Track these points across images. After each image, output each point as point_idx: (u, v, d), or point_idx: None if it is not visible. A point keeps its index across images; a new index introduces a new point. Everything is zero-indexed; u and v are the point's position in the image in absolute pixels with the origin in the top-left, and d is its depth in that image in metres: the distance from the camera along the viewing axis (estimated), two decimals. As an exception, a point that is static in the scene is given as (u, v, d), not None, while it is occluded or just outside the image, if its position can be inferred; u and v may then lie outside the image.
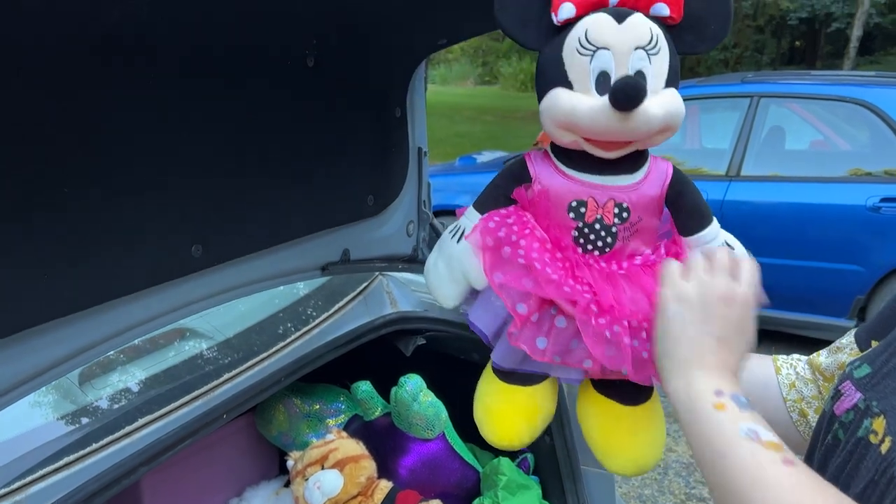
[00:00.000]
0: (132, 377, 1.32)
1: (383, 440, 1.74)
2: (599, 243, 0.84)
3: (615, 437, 0.91)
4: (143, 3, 0.89)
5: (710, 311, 0.72)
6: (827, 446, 0.68)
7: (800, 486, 0.58)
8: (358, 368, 1.81)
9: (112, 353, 1.23)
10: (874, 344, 0.81)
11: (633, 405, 0.90)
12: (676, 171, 0.87)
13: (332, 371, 1.88)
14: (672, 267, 0.77)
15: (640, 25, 0.77)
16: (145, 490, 1.50)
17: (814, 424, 0.86)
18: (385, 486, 1.51)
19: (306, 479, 1.45)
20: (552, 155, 0.86)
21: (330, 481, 1.43)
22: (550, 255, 0.82)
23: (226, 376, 1.26)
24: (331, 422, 1.81)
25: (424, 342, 1.82)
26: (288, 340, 1.46)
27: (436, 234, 1.90)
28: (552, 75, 0.80)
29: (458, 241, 0.88)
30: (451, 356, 1.84)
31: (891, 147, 4.05)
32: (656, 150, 0.86)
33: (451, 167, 6.16)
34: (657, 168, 0.86)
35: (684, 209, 0.87)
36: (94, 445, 1.03)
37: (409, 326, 1.78)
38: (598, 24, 0.77)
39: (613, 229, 0.84)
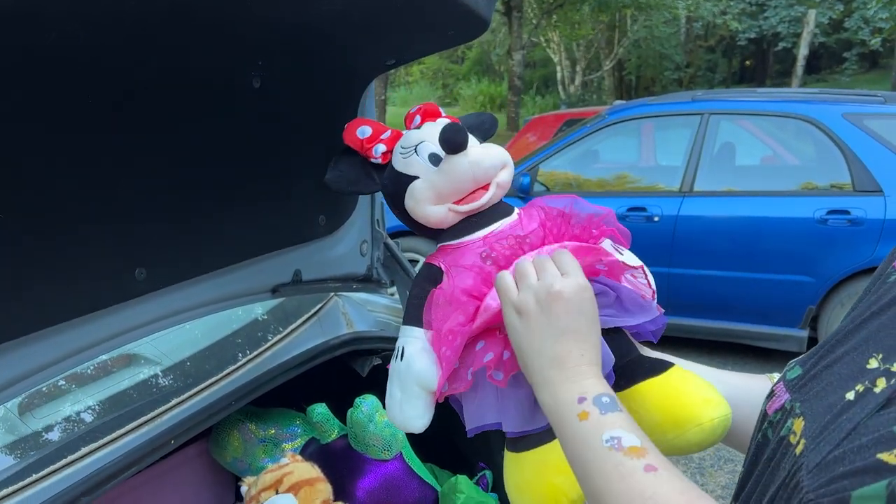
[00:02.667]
0: (75, 405, 1.28)
1: (341, 462, 1.72)
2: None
3: (675, 403, 0.83)
4: (78, 26, 0.88)
5: (550, 311, 0.73)
6: (758, 444, 0.69)
7: (660, 493, 0.60)
8: (313, 391, 1.79)
9: (54, 380, 1.20)
10: None
11: (662, 372, 0.86)
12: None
13: (288, 394, 1.85)
14: (505, 280, 0.78)
15: (440, 122, 0.91)
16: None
17: None
18: (340, 509, 1.50)
19: (260, 505, 1.43)
20: (444, 243, 0.91)
21: (284, 506, 1.41)
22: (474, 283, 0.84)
23: (174, 401, 1.23)
24: (287, 446, 1.78)
25: (380, 362, 1.81)
26: (239, 363, 1.44)
27: (390, 254, 1.90)
28: (400, 186, 0.90)
29: (401, 357, 0.88)
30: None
31: (835, 161, 4.19)
32: (607, 172, 0.91)
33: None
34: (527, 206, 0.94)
35: None
36: (34, 476, 1.00)
37: (364, 346, 1.78)
38: (408, 135, 0.92)
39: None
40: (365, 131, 0.93)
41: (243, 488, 1.50)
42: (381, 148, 0.92)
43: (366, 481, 1.70)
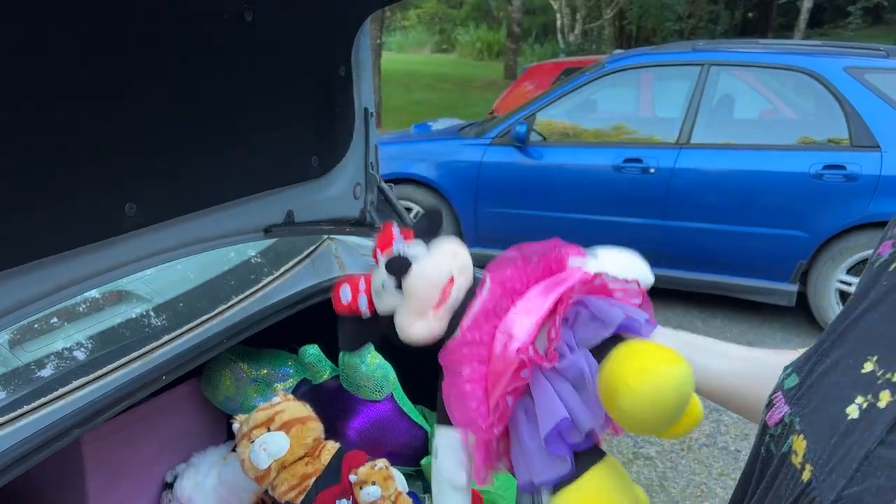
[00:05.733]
0: (66, 340, 1.28)
1: (331, 402, 1.74)
2: None
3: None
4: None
5: None
6: (762, 458, 0.66)
7: None
8: (305, 333, 1.79)
9: (45, 314, 1.20)
10: None
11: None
12: None
13: (280, 336, 1.86)
14: None
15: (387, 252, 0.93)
16: (87, 459, 1.48)
17: None
18: (332, 446, 1.52)
19: (252, 442, 1.44)
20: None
21: (276, 443, 1.43)
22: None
23: (165, 338, 1.23)
24: (278, 386, 1.80)
25: (373, 305, 1.81)
26: (232, 303, 1.44)
27: (384, 197, 1.89)
28: (391, 323, 0.91)
29: (436, 456, 0.90)
30: (399, 319, 1.85)
31: (834, 115, 4.15)
32: (604, 122, 0.89)
33: (406, 135, 6.11)
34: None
35: None
36: (25, 408, 1.01)
37: (356, 289, 1.78)
38: (374, 278, 0.92)
39: None
40: (346, 294, 0.94)
41: (235, 426, 1.52)
42: (364, 300, 0.94)
43: (357, 421, 1.73)
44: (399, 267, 0.89)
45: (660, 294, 4.70)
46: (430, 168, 5.24)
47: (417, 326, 0.90)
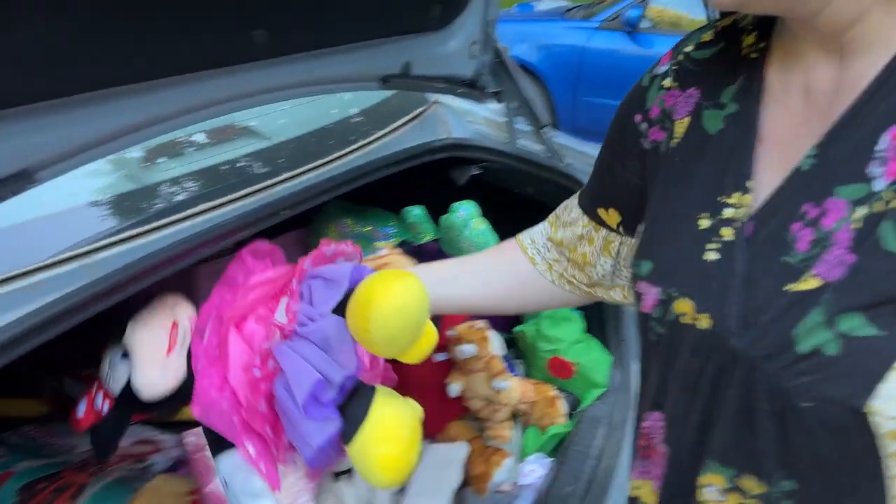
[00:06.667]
0: (193, 164, 1.30)
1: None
2: None
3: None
4: None
5: None
6: (652, 343, 0.68)
7: None
8: (409, 195, 1.79)
9: (173, 138, 1.22)
10: (601, 212, 0.83)
11: None
12: None
13: (385, 196, 1.87)
14: None
15: None
16: (203, 290, 1.55)
17: (580, 283, 0.92)
18: (433, 303, 1.53)
19: (356, 290, 1.47)
20: None
21: (380, 293, 1.45)
22: None
23: (285, 175, 1.24)
24: (380, 244, 1.81)
25: (480, 172, 1.78)
26: (345, 151, 1.43)
27: (499, 61, 1.80)
28: None
29: None
30: (504, 189, 1.81)
31: None
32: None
33: (507, 14, 5.86)
34: None
35: None
36: (155, 224, 1.04)
37: (463, 154, 1.74)
38: None
39: None
40: (81, 409, 1.00)
41: (341, 274, 1.54)
42: (99, 400, 1.03)
43: (455, 284, 1.73)
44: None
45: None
46: (530, 51, 5.02)
47: (154, 373, 0.90)
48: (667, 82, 0.69)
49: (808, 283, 0.52)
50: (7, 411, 1.44)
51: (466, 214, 1.60)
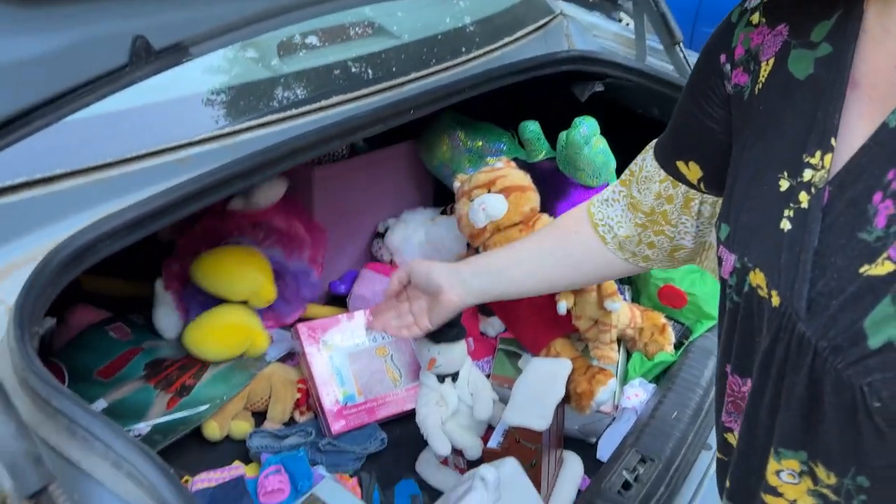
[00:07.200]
0: (328, 57, 1.30)
1: (544, 183, 1.70)
2: None
3: None
4: None
5: None
6: (729, 311, 0.63)
7: None
8: (526, 111, 1.74)
9: (307, 30, 1.21)
10: (681, 166, 0.75)
11: None
12: None
13: (500, 112, 1.83)
14: None
15: None
16: (317, 189, 1.58)
17: (657, 260, 0.89)
18: (546, 220, 1.51)
19: (472, 200, 1.46)
20: None
21: (495, 204, 1.44)
22: None
23: (413, 75, 1.22)
24: (491, 160, 1.79)
25: (602, 89, 1.71)
26: (470, 55, 1.39)
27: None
28: None
29: None
30: (627, 108, 1.74)
31: None
32: None
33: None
34: None
35: None
36: (291, 112, 1.05)
37: (588, 68, 1.67)
38: None
39: None
40: None
41: (456, 184, 1.53)
42: None
43: (567, 204, 1.69)
44: None
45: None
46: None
47: None
48: (755, 18, 0.61)
49: (884, 268, 0.46)
50: (126, 292, 1.54)
51: (588, 131, 1.54)
